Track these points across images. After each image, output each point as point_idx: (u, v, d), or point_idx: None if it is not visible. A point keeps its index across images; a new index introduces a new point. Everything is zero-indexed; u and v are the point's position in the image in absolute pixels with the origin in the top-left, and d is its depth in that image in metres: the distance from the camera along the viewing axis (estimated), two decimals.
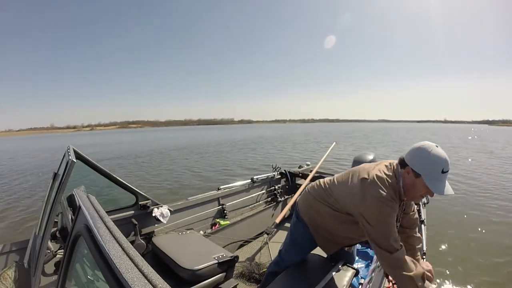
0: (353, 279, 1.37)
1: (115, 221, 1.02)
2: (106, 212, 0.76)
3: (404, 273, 1.03)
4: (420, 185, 1.05)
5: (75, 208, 1.00)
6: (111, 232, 0.60)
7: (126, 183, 1.84)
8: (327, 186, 1.31)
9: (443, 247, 3.52)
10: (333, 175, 3.12)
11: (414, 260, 1.11)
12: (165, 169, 9.77)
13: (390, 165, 1.17)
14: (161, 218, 1.94)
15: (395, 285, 1.46)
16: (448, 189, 1.02)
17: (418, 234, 1.34)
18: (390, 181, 1.10)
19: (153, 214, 1.94)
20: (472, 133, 38.31)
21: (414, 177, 1.06)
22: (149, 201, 1.97)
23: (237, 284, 1.56)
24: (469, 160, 11.24)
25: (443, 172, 1.01)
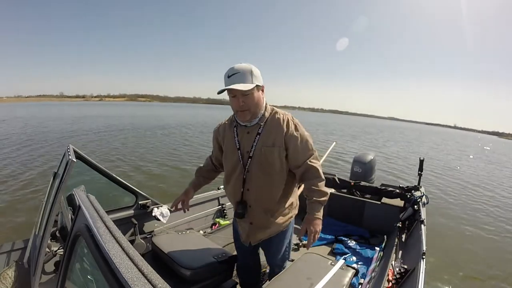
0: (353, 279, 1.37)
1: (115, 221, 1.02)
2: (106, 211, 0.76)
3: None
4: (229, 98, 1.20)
5: (75, 208, 1.00)
6: (111, 232, 0.60)
7: (126, 183, 1.84)
8: None
9: (443, 246, 3.52)
10: (334, 175, 3.12)
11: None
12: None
13: None
14: (161, 218, 1.94)
15: (395, 285, 1.47)
16: (231, 83, 1.11)
17: (321, 188, 1.22)
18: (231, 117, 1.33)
19: (153, 214, 1.94)
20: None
21: None
22: (149, 200, 1.97)
23: (237, 283, 1.56)
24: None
25: (228, 77, 1.13)
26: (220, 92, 1.14)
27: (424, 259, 1.44)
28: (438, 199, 5.84)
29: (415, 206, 2.27)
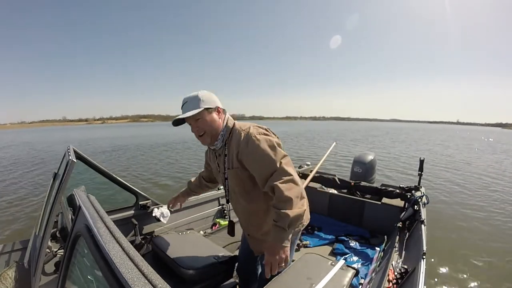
0: (353, 279, 1.37)
1: (115, 221, 1.02)
2: (106, 212, 0.76)
3: None
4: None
5: (75, 208, 1.00)
6: (111, 232, 0.60)
7: (126, 183, 1.84)
8: None
9: (444, 247, 3.52)
10: (334, 175, 3.12)
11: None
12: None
13: None
14: (161, 218, 1.94)
15: (395, 285, 1.46)
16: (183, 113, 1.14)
17: (285, 210, 0.99)
18: None
19: (154, 214, 1.94)
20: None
21: None
22: (149, 201, 1.97)
23: (237, 283, 1.56)
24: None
25: (181, 108, 1.16)
26: (175, 124, 1.18)
27: (425, 259, 1.44)
28: (445, 195, 5.84)
29: (415, 206, 2.27)
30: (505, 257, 3.36)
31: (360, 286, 1.75)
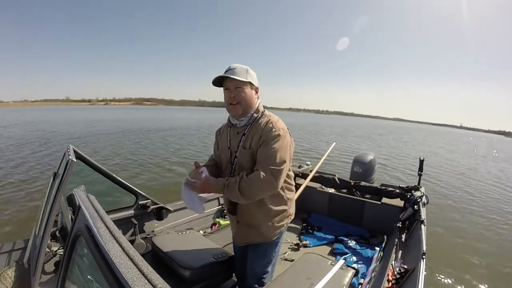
0: (353, 279, 1.37)
1: (115, 221, 1.02)
2: (106, 212, 0.76)
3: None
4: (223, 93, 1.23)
5: (75, 208, 1.00)
6: (111, 232, 0.60)
7: (126, 183, 1.84)
8: None
9: (444, 247, 3.52)
10: (334, 175, 3.12)
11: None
12: None
13: None
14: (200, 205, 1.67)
15: (395, 285, 1.47)
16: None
17: (239, 185, 1.10)
18: None
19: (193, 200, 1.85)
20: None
21: None
22: (149, 201, 1.97)
23: (237, 283, 1.56)
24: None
25: (225, 72, 1.16)
26: (215, 83, 1.18)
27: (424, 259, 1.44)
28: (446, 196, 5.84)
29: (415, 206, 2.27)
30: (504, 257, 3.37)
31: (360, 285, 1.75)
